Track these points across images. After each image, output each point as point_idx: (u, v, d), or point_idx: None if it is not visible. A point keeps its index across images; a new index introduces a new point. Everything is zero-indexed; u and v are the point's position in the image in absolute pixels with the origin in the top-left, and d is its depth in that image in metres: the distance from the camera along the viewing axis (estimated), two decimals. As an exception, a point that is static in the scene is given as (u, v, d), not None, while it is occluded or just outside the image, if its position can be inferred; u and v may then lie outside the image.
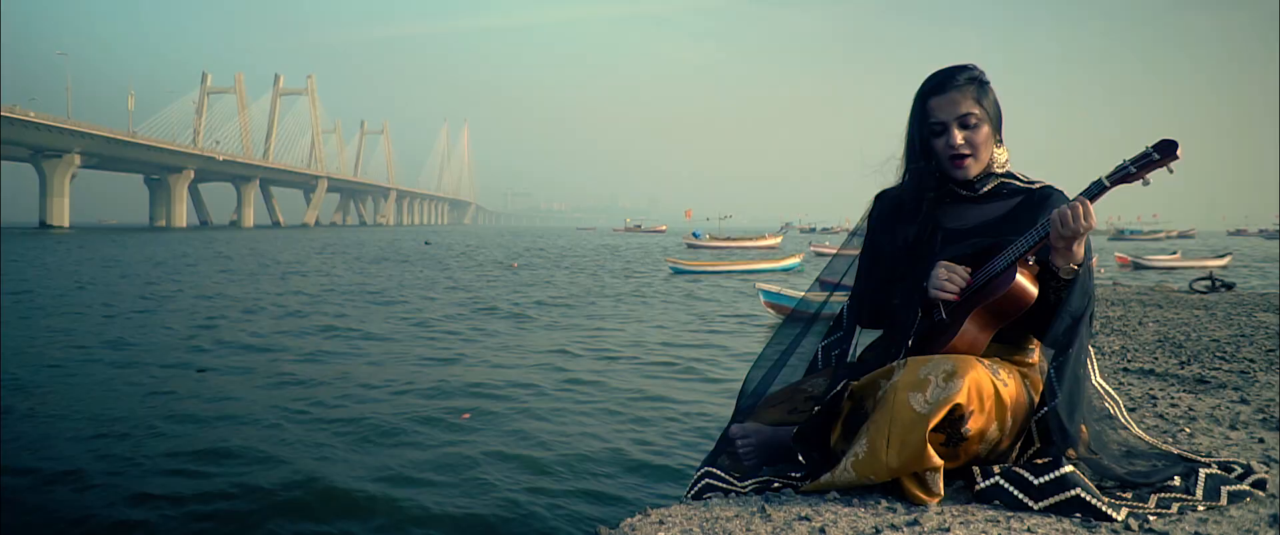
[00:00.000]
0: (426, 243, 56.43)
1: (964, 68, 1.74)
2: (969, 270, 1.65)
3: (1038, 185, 1.76)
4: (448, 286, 21.16)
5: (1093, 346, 1.73)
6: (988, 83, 1.75)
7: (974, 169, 1.73)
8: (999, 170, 1.76)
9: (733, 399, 2.00)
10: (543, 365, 9.40)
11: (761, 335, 12.36)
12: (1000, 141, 1.77)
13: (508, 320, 13.99)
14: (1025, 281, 1.61)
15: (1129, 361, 3.41)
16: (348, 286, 20.72)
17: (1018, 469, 1.52)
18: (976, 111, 1.71)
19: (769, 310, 14.82)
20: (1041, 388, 1.63)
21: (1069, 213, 1.53)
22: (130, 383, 8.20)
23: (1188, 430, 2.13)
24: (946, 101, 1.71)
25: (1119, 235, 78.53)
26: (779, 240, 51.32)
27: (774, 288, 15.08)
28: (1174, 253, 36.45)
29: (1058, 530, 1.40)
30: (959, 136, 1.70)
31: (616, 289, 20.98)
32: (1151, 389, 2.75)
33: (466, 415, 6.77)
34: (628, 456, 5.73)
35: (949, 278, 1.64)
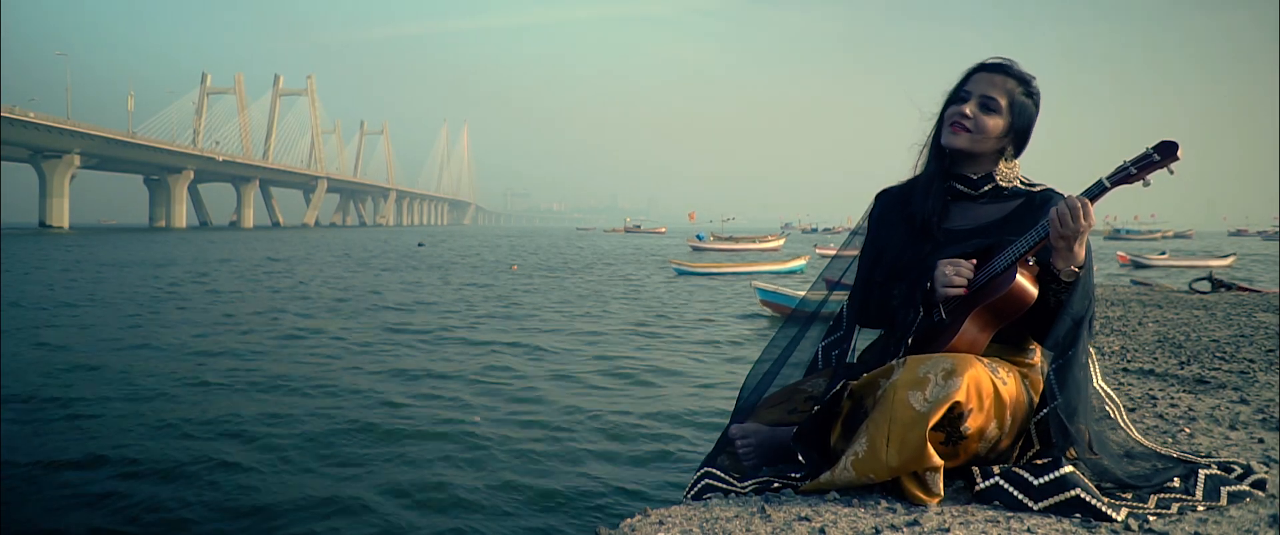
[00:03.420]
0: (420, 244, 56.15)
1: (1025, 72, 1.76)
2: (974, 263, 1.65)
3: (1039, 188, 1.76)
4: (453, 289, 21.15)
5: (1093, 348, 1.73)
6: (1036, 97, 1.76)
7: (962, 142, 1.74)
8: (1004, 184, 1.76)
9: (732, 399, 2.00)
10: (544, 366, 9.40)
11: (759, 334, 12.35)
12: (1014, 155, 1.77)
13: (509, 322, 13.98)
14: (1025, 282, 1.61)
15: (1129, 361, 3.41)
16: (354, 289, 20.72)
17: (1017, 469, 1.52)
18: (1002, 101, 1.72)
19: (766, 309, 14.82)
20: (1041, 388, 1.63)
21: (1067, 210, 1.53)
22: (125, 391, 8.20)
23: (1188, 430, 2.13)
24: (985, 80, 1.75)
25: (1115, 235, 78.41)
26: (782, 242, 51.34)
27: (770, 286, 15.08)
28: (1163, 253, 36.22)
29: (1058, 530, 1.39)
30: (969, 108, 1.73)
31: (618, 290, 20.97)
32: (1151, 389, 2.75)
33: (478, 418, 6.77)
34: (627, 457, 5.74)
35: (956, 273, 1.64)
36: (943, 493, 1.50)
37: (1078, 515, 1.44)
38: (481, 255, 40.59)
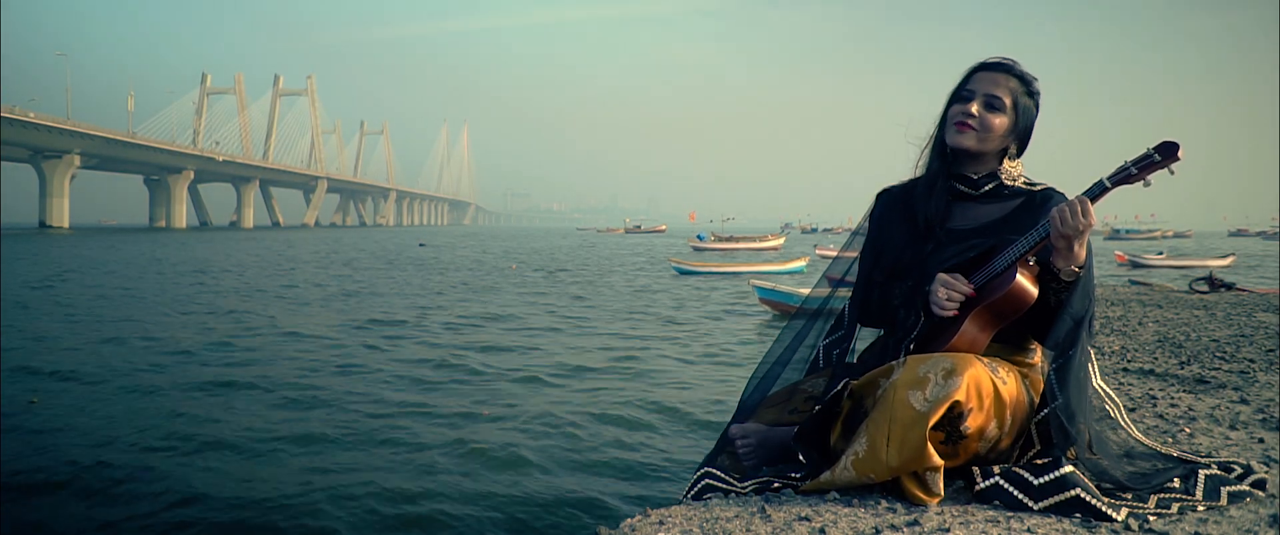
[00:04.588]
0: (421, 244, 55.95)
1: (1027, 73, 1.77)
2: (970, 285, 1.65)
3: (1040, 187, 1.76)
4: (452, 288, 21.16)
5: (1092, 348, 1.73)
6: (1037, 98, 1.77)
7: (969, 141, 1.73)
8: (1009, 182, 1.76)
9: (732, 398, 2.00)
10: (544, 366, 9.40)
11: (759, 333, 12.35)
12: (1016, 155, 1.78)
13: (510, 321, 13.98)
14: (1026, 282, 1.61)
15: (1129, 361, 3.41)
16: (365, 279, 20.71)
17: (1017, 469, 1.52)
18: (1006, 100, 1.73)
19: (764, 307, 14.82)
20: (1042, 388, 1.63)
21: (1068, 210, 1.53)
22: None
23: (1188, 430, 2.13)
24: (988, 79, 1.75)
25: (1114, 235, 78.25)
26: (782, 241, 51.32)
27: (769, 284, 15.08)
28: (1161, 253, 36.03)
29: (1058, 530, 1.39)
30: (974, 107, 1.73)
31: (618, 289, 20.97)
32: (1151, 389, 2.75)
33: (487, 411, 6.79)
34: (627, 458, 5.74)
35: (949, 296, 1.64)
36: (943, 492, 1.50)
37: (1078, 515, 1.44)
38: (482, 255, 40.58)
